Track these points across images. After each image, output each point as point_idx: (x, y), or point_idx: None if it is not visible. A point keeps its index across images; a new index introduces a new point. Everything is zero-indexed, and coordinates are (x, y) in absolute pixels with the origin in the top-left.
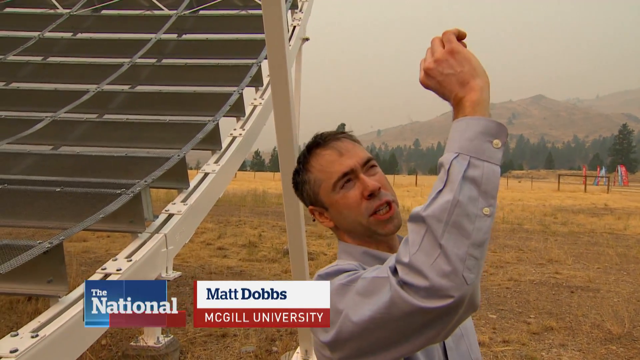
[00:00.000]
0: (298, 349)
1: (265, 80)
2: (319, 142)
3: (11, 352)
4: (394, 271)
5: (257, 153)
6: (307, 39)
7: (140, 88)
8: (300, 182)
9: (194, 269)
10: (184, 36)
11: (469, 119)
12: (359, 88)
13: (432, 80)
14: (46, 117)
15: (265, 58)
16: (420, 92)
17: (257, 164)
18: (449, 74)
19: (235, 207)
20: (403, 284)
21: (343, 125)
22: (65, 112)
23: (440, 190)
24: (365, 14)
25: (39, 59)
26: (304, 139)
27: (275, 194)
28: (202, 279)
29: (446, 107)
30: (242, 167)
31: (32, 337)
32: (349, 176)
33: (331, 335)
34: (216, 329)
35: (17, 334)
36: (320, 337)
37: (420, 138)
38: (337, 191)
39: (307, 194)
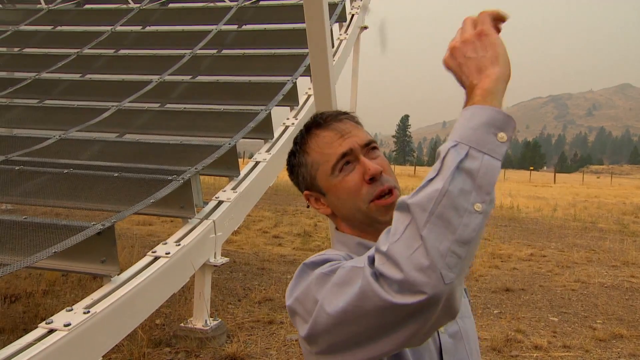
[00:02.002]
0: None
1: None
2: (319, 122)
3: (65, 325)
4: (372, 261)
5: None
6: (365, 28)
7: (200, 78)
8: (295, 165)
9: (248, 256)
10: (244, 27)
11: (476, 107)
12: (423, 78)
13: (453, 62)
14: (112, 106)
15: None
16: None
17: None
18: (470, 57)
19: (293, 197)
20: (378, 275)
21: (407, 116)
22: (129, 102)
23: (432, 179)
24: (433, 1)
25: (111, 51)
26: (366, 129)
27: None
28: (255, 266)
29: (520, 97)
30: None
31: (84, 313)
32: (348, 157)
33: (307, 327)
34: (264, 316)
35: (72, 309)
36: (300, 330)
37: None
38: (336, 175)
39: (302, 177)
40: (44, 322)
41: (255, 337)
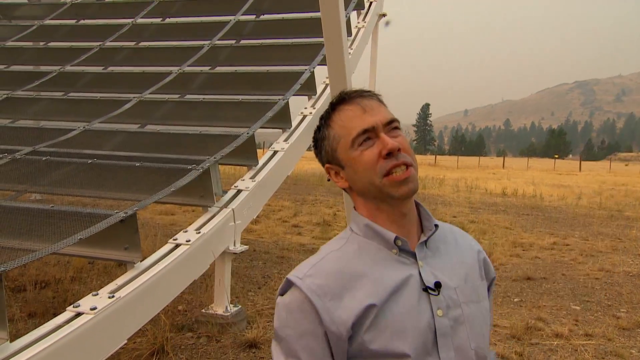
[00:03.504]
0: None
1: None
2: (344, 97)
3: (91, 309)
4: None
5: None
6: (384, 15)
7: (219, 69)
8: (319, 139)
9: (268, 245)
10: (262, 16)
11: None
12: (444, 65)
13: None
14: (134, 97)
15: None
16: (514, 68)
17: None
18: None
19: (313, 187)
20: None
21: (427, 105)
22: (150, 93)
23: None
24: None
25: (132, 44)
26: None
27: None
28: (275, 254)
29: (545, 83)
30: None
31: (109, 297)
32: (369, 134)
33: None
34: None
35: (97, 294)
36: None
37: (512, 118)
38: (355, 148)
39: (325, 151)
40: (72, 305)
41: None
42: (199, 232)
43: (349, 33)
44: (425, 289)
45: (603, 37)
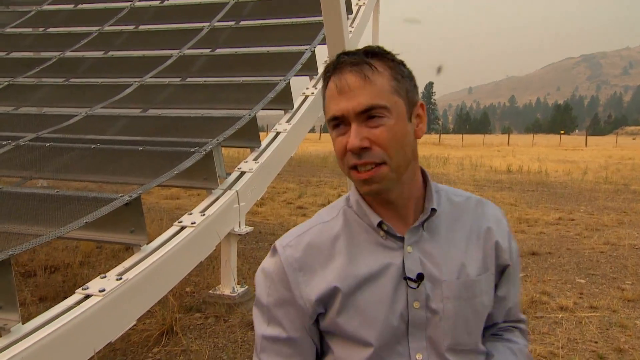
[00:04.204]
0: None
1: None
2: (335, 65)
3: (99, 291)
4: None
5: None
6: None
7: (219, 51)
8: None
9: (273, 226)
10: None
11: None
12: (447, 42)
13: None
14: (134, 82)
15: None
16: (518, 43)
17: None
18: None
19: (317, 168)
20: None
21: (431, 83)
22: (150, 77)
23: None
24: None
25: (131, 27)
26: None
27: None
28: (280, 236)
29: (550, 58)
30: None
31: (117, 279)
32: (338, 121)
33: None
34: None
35: (105, 277)
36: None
37: (517, 94)
38: (331, 130)
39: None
40: (81, 288)
41: None
42: (204, 215)
43: (349, 11)
44: (406, 278)
45: (610, 8)
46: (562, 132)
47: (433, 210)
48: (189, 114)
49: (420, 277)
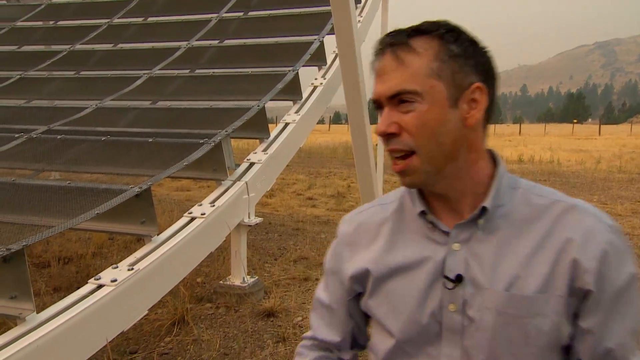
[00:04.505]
0: None
1: None
2: (377, 48)
3: (111, 281)
4: None
5: None
6: None
7: (228, 42)
8: None
9: (283, 217)
10: None
11: None
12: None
13: None
14: (144, 74)
15: None
16: (531, 32)
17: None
18: None
19: (327, 159)
20: None
21: None
22: (159, 69)
23: None
24: None
25: (140, 19)
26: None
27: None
28: (290, 227)
29: (563, 46)
30: (337, 120)
31: (129, 270)
32: (377, 104)
33: None
34: (299, 274)
35: (117, 267)
36: None
37: (528, 83)
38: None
39: None
40: (93, 278)
41: (291, 293)
42: (213, 205)
43: (358, 0)
44: (444, 277)
45: None
46: (575, 121)
47: (484, 208)
48: (198, 105)
49: (458, 279)
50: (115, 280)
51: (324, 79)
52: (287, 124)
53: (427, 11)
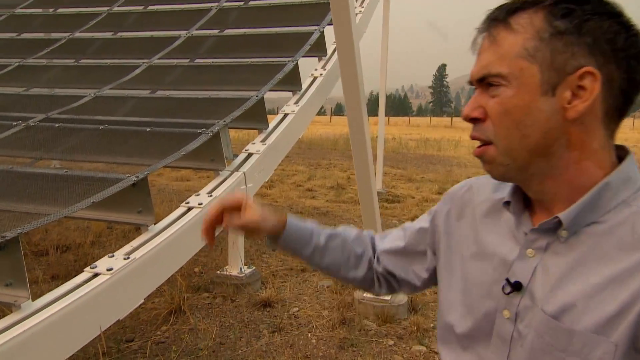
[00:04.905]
0: None
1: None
2: (480, 25)
3: (107, 270)
4: None
5: None
6: None
7: (228, 32)
8: None
9: (282, 209)
10: None
11: None
12: (461, 23)
13: None
14: (143, 63)
15: None
16: None
17: None
18: None
19: (327, 151)
20: None
21: (444, 65)
22: (158, 58)
23: None
24: None
25: (140, 8)
26: (402, 80)
27: None
28: None
29: None
30: (339, 112)
31: (125, 258)
32: (474, 85)
33: None
34: (297, 264)
35: (113, 256)
36: None
37: None
38: None
39: None
40: (89, 267)
41: (288, 284)
42: (211, 196)
43: None
44: (507, 280)
45: None
46: None
47: (555, 218)
48: (197, 95)
49: (517, 286)
50: (111, 269)
51: (324, 69)
52: (286, 115)
53: (431, 8)
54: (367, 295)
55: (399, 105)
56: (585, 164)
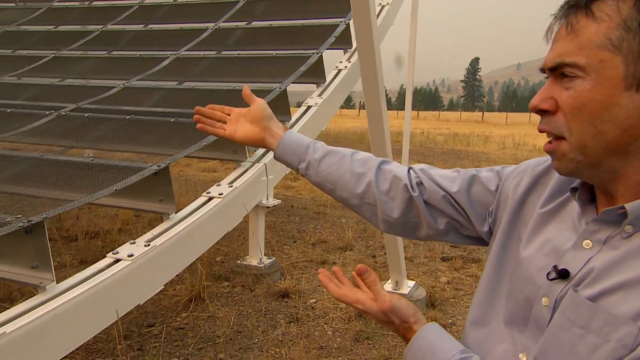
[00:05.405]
0: (389, 281)
1: (377, 8)
2: (558, 10)
3: (128, 256)
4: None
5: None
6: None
7: (255, 24)
8: None
9: (305, 201)
10: None
11: None
12: (495, 16)
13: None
14: (171, 54)
15: None
16: None
17: None
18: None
19: (354, 145)
20: None
21: (477, 59)
22: (186, 50)
23: None
24: None
25: (170, 0)
26: (433, 73)
27: (394, 132)
28: (312, 210)
29: None
30: None
31: (145, 245)
32: (546, 74)
33: None
34: (317, 256)
35: (135, 242)
36: None
37: None
38: None
39: None
40: (111, 252)
41: (307, 276)
42: (232, 186)
43: None
44: (554, 267)
45: None
46: None
47: (621, 208)
48: (222, 87)
49: (563, 274)
50: (132, 255)
51: (349, 62)
52: (309, 107)
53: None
54: (386, 289)
55: (429, 100)
56: None
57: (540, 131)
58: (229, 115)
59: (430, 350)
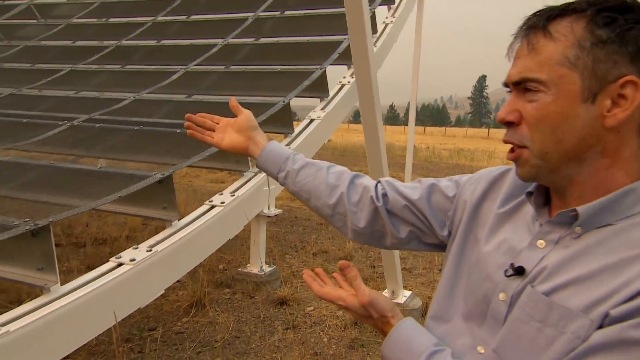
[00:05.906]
0: (386, 290)
1: (380, 26)
2: (518, 29)
3: (130, 260)
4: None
5: (391, 107)
6: None
7: (263, 40)
8: None
9: (309, 212)
10: None
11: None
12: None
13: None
14: (181, 68)
15: (381, 4)
16: None
17: (391, 117)
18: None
19: (360, 158)
20: None
21: (484, 77)
22: (195, 65)
23: None
24: None
25: (183, 17)
26: (441, 90)
27: (400, 147)
28: (315, 221)
29: None
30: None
31: (147, 251)
32: (508, 88)
33: None
34: (317, 265)
35: (137, 248)
36: None
37: None
38: None
39: None
40: (114, 257)
41: (306, 284)
42: (234, 195)
43: (392, 0)
44: (511, 264)
45: None
46: None
47: (573, 211)
48: (227, 100)
49: (519, 271)
50: (134, 260)
51: (352, 77)
52: (312, 120)
53: (470, 17)
54: None
55: (436, 116)
56: (614, 170)
57: (505, 142)
58: (218, 124)
59: (406, 344)
